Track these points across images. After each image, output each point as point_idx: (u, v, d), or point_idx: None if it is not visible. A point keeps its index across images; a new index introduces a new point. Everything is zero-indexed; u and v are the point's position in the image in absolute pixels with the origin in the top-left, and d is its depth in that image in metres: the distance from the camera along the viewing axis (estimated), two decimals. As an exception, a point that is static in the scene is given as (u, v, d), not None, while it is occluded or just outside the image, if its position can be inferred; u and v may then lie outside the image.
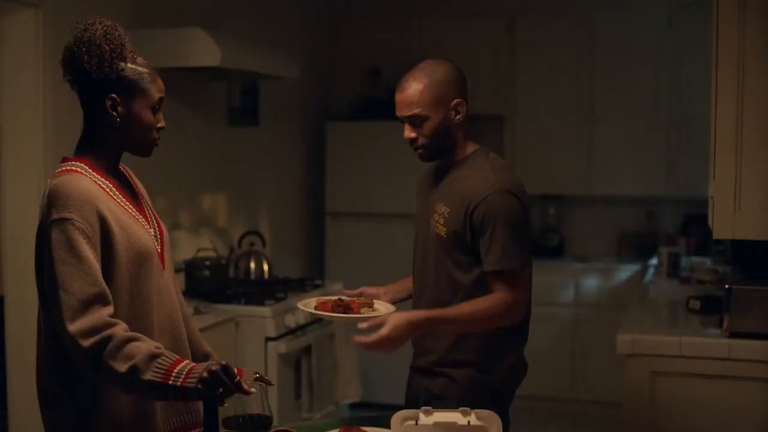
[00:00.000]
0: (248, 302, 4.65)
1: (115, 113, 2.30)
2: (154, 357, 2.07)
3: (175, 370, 2.05)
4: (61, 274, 2.13)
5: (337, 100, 6.98)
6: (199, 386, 2.03)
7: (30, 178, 4.03)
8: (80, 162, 2.31)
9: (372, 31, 6.96)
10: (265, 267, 5.20)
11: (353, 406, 5.36)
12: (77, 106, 2.36)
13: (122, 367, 2.05)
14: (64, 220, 2.17)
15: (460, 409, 2.31)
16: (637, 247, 6.61)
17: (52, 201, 2.20)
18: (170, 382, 2.05)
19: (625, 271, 6.38)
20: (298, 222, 6.65)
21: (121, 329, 2.11)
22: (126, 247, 2.27)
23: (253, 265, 5.18)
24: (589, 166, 6.53)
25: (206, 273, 4.76)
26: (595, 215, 6.85)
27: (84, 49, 2.25)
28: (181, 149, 5.08)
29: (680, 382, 3.64)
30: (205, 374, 2.04)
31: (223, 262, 4.90)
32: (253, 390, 2.12)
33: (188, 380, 2.04)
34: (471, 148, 3.03)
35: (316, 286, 5.18)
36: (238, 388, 2.06)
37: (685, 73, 6.23)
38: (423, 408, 2.31)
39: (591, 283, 6.41)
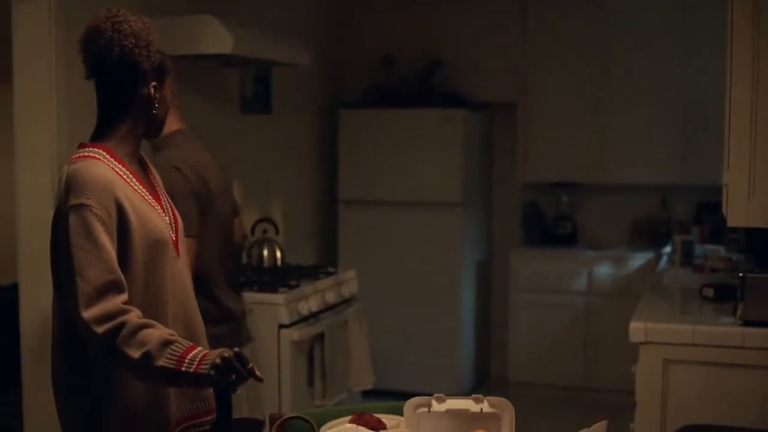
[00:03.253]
0: (261, 289, 4.66)
1: (155, 99, 2.37)
2: (167, 344, 2.08)
3: (188, 357, 2.06)
4: (78, 261, 2.14)
5: (349, 88, 6.97)
6: (212, 373, 2.03)
7: (43, 166, 4.04)
8: (99, 148, 2.32)
9: (385, 17, 6.94)
10: (278, 254, 5.20)
11: (366, 394, 5.37)
12: (91, 94, 2.37)
13: (136, 354, 2.06)
14: (82, 206, 2.18)
15: (473, 396, 2.31)
16: (651, 235, 6.59)
17: (70, 186, 2.21)
18: (183, 368, 2.05)
19: (638, 259, 6.37)
20: (311, 209, 6.65)
21: (134, 316, 2.12)
22: (142, 235, 2.28)
23: (266, 252, 5.18)
24: (602, 153, 6.50)
25: (219, 260, 4.76)
26: (608, 203, 6.83)
27: (134, 42, 2.30)
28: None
29: (693, 370, 3.63)
30: (218, 361, 2.04)
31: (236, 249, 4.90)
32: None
33: (201, 367, 2.05)
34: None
35: (329, 274, 5.18)
36: (252, 375, 2.07)
37: (699, 59, 6.19)
38: (435, 395, 2.31)
39: (604, 271, 6.40)
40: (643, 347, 3.69)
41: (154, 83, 2.37)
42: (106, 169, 2.27)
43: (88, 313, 2.10)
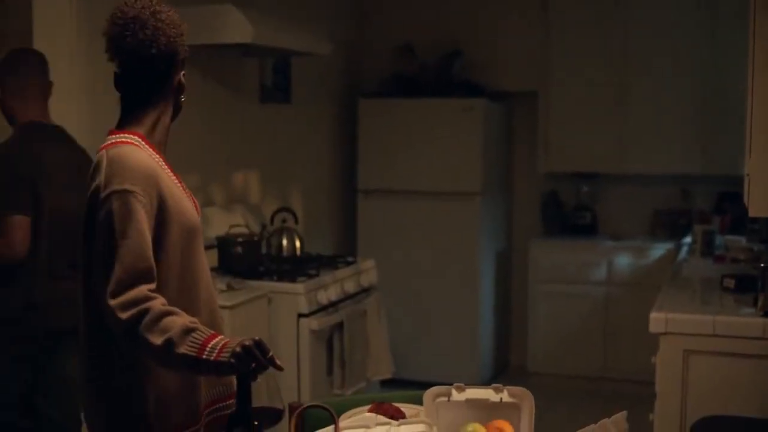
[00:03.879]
0: (280, 279, 4.67)
1: (184, 86, 2.42)
2: (189, 331, 2.09)
3: (210, 345, 2.06)
4: (118, 246, 2.15)
5: (369, 77, 6.96)
6: (233, 361, 2.04)
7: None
8: (135, 135, 2.33)
9: (404, 7, 6.93)
10: (297, 244, 5.21)
11: (384, 383, 5.38)
12: (110, 79, 2.37)
13: (158, 340, 2.06)
14: (126, 192, 2.18)
15: (492, 385, 2.31)
16: (671, 226, 6.56)
17: (114, 171, 2.21)
18: (204, 356, 2.06)
19: (658, 250, 6.34)
20: (330, 199, 6.65)
21: (158, 303, 2.12)
22: (180, 222, 2.30)
23: (285, 241, 5.19)
24: (622, 143, 6.47)
25: (239, 249, 4.78)
26: (628, 193, 6.80)
27: (175, 32, 2.33)
28: (214, 126, 5.10)
29: (714, 361, 3.62)
30: (238, 349, 2.05)
31: (256, 238, 4.92)
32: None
33: (222, 355, 2.05)
34: None
35: (348, 263, 5.19)
36: (272, 364, 2.07)
37: (720, 49, 6.15)
38: (455, 384, 2.31)
39: (624, 261, 6.38)
40: (664, 338, 3.68)
41: (183, 71, 2.40)
42: (147, 156, 2.28)
43: (115, 300, 2.10)
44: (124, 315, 2.09)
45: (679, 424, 3.65)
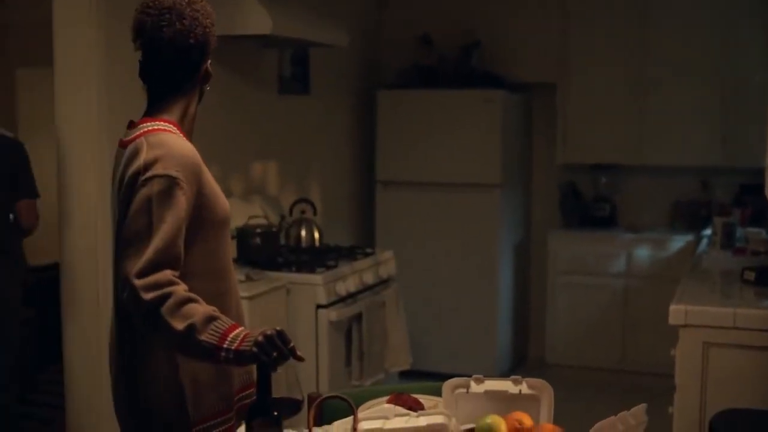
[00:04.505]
0: (299, 270, 4.68)
1: (211, 75, 2.46)
2: (211, 319, 2.09)
3: (231, 335, 2.07)
4: (154, 229, 2.15)
5: (388, 68, 6.95)
6: (255, 350, 2.04)
7: (87, 142, 4.06)
8: (169, 123, 2.34)
9: (423, -2, 6.92)
10: (316, 235, 5.22)
11: (403, 374, 5.38)
12: (133, 70, 2.38)
13: (180, 325, 2.06)
14: (170, 177, 2.19)
15: (511, 377, 2.31)
16: (690, 218, 6.53)
17: (158, 156, 2.21)
18: (225, 345, 2.06)
19: (678, 242, 6.31)
20: (349, 190, 6.65)
21: (181, 289, 2.12)
22: (216, 212, 2.33)
23: (303, 232, 5.20)
24: (642, 134, 6.44)
25: (257, 240, 4.79)
26: (647, 185, 6.77)
27: (210, 22, 2.39)
28: (232, 117, 5.11)
29: (734, 353, 3.60)
30: (260, 338, 2.05)
31: (274, 229, 4.92)
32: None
33: (243, 344, 2.05)
34: None
35: (367, 254, 5.19)
36: (293, 354, 2.07)
37: (741, 39, 6.10)
38: (474, 376, 2.31)
39: (643, 253, 6.35)
40: (683, 330, 3.67)
41: (210, 60, 2.43)
42: (190, 145, 2.31)
43: (140, 281, 2.10)
44: (147, 296, 2.09)
45: (698, 416, 3.64)
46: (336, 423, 2.32)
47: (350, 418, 2.16)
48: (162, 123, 2.32)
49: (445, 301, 6.44)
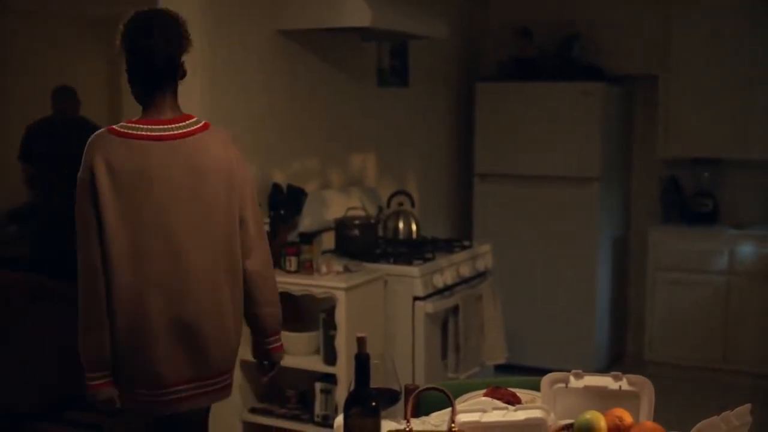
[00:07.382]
0: (396, 261, 4.70)
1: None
2: None
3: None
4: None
5: (486, 61, 6.93)
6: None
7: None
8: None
9: (523, -10, 6.88)
10: (413, 227, 5.23)
11: (499, 368, 5.37)
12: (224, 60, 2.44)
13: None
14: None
15: (611, 373, 2.28)
16: (797, 214, 6.36)
17: (240, 153, 2.87)
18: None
19: (783, 239, 6.15)
20: (447, 182, 6.66)
21: None
22: None
23: (401, 224, 5.21)
24: (746, 128, 6.27)
25: (355, 232, 4.82)
26: (752, 180, 6.59)
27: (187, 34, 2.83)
28: (332, 110, 5.15)
29: (842, 354, 3.50)
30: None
31: (372, 221, 4.95)
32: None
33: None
34: None
35: (464, 247, 5.18)
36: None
37: None
38: (573, 371, 2.29)
39: (747, 250, 6.20)
40: (788, 329, 3.58)
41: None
42: None
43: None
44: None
45: (803, 418, 3.55)
46: (433, 414, 2.33)
47: (448, 410, 2.17)
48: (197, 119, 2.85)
49: (542, 295, 6.40)
